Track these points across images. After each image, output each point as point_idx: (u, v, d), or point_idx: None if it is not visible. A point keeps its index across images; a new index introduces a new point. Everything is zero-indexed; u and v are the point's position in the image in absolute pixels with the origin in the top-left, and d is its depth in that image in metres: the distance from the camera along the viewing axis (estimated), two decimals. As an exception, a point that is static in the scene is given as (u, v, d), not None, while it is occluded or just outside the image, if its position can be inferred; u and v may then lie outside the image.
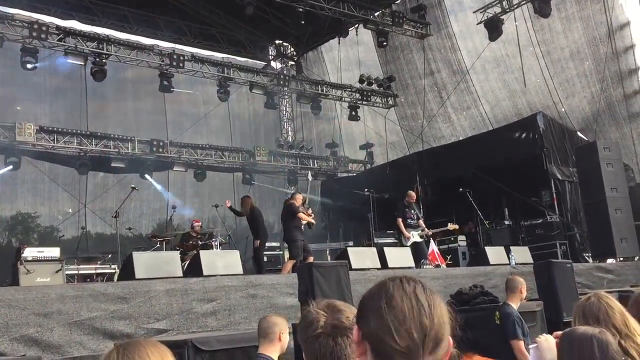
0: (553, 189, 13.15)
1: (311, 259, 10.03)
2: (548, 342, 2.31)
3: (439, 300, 1.31)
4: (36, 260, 8.78)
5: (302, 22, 15.49)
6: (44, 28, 13.22)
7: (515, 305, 5.58)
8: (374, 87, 18.44)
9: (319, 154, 20.08)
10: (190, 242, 11.18)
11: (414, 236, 10.75)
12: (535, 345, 2.40)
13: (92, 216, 15.95)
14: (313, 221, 10.20)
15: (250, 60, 19.92)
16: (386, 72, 18.55)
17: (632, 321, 2.44)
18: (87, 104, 16.13)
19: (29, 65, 13.63)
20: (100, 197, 16.21)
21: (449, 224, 11.37)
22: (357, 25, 17.28)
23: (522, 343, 5.22)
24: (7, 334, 4.85)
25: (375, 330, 1.28)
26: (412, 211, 11.10)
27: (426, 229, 11.00)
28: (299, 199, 10.15)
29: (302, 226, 9.94)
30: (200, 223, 12.26)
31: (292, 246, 9.61)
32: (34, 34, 13.00)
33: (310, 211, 10.53)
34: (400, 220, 10.84)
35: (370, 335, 1.29)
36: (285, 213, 10.01)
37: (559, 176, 13.19)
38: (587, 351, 2.05)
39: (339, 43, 18.38)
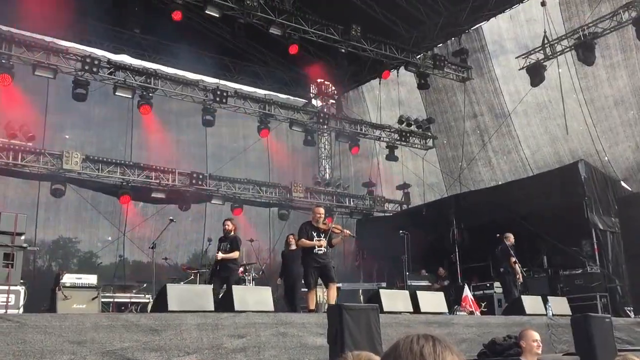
0: (594, 239, 12.85)
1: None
2: None
3: (450, 358, 1.34)
4: (74, 287, 9.02)
5: (346, 63, 15.77)
6: (95, 62, 13.82)
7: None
8: (413, 128, 18.51)
9: (355, 192, 20.13)
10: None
11: None
12: None
13: (130, 244, 16.29)
14: (317, 244, 8.65)
15: (292, 98, 20.31)
16: (429, 113, 18.64)
17: None
18: (132, 134, 16.67)
19: (79, 97, 14.16)
20: (138, 226, 16.58)
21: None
22: (398, 67, 17.49)
23: None
24: None
25: None
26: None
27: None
28: (316, 214, 8.88)
29: (317, 249, 8.65)
30: None
31: (304, 275, 8.90)
32: (86, 67, 13.59)
33: (336, 226, 9.16)
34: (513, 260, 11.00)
35: None
36: None
37: (601, 226, 12.89)
38: None
39: (379, 83, 18.62)
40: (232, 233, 10.21)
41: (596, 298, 11.67)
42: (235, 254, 9.90)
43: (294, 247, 10.94)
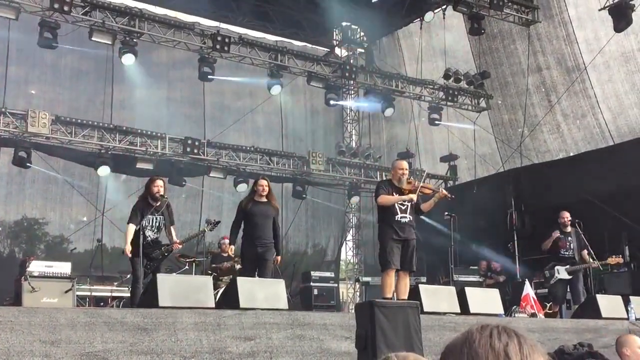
0: (691, 225, 12.75)
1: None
2: None
3: None
4: (43, 277, 9.21)
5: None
6: (67, -1, 13.85)
7: None
8: (463, 84, 18.35)
9: (388, 164, 20.05)
10: (223, 264, 11.40)
11: (560, 272, 10.69)
12: None
13: (110, 227, 16.48)
14: (410, 198, 8.20)
15: (310, 46, 20.19)
16: (480, 65, 18.43)
17: None
18: (112, 91, 16.77)
19: (47, 43, 14.23)
20: (120, 204, 16.73)
21: (610, 257, 11.01)
22: (444, 7, 17.27)
23: None
24: (8, 362, 5.10)
25: None
26: (568, 239, 10.93)
27: (584, 264, 10.77)
28: (398, 170, 8.46)
29: (401, 215, 8.24)
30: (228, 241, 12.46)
31: (380, 252, 8.45)
32: (56, 5, 13.58)
33: (426, 185, 8.98)
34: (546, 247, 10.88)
35: None
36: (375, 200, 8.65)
37: (700, 209, 12.77)
38: None
39: (420, 28, 18.43)
40: (165, 197, 9.03)
41: (692, 299, 11.59)
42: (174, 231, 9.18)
43: (264, 198, 9.18)
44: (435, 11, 17.57)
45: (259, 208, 9.07)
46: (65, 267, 9.97)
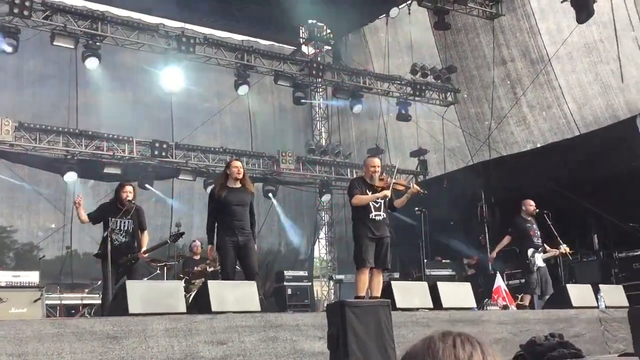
0: (657, 212, 12.92)
1: None
2: None
3: None
4: (11, 287, 9.09)
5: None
6: (27, 3, 13.57)
7: None
8: (430, 79, 18.44)
9: (358, 161, 20.12)
10: (196, 267, 11.32)
11: (538, 260, 10.62)
12: None
13: (79, 233, 16.27)
14: (384, 194, 8.28)
15: (277, 44, 20.15)
16: (445, 60, 18.53)
17: None
18: (77, 96, 16.57)
19: (8, 49, 14.01)
20: (89, 210, 16.53)
21: (561, 246, 10.87)
22: (409, 2, 17.33)
23: None
24: (-27, 377, 5.00)
25: None
26: (533, 227, 10.90)
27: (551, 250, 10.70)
28: (369, 167, 8.49)
29: (375, 213, 8.29)
30: (199, 243, 12.39)
31: (355, 250, 8.42)
32: (15, 10, 13.38)
33: (399, 180, 9.09)
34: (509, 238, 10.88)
35: None
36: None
37: (665, 196, 12.94)
38: None
39: (386, 24, 18.48)
40: (134, 202, 8.91)
41: (660, 286, 11.79)
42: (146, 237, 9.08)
43: (238, 183, 8.36)
44: (400, 7, 17.66)
45: (235, 195, 8.28)
46: (33, 276, 9.88)
